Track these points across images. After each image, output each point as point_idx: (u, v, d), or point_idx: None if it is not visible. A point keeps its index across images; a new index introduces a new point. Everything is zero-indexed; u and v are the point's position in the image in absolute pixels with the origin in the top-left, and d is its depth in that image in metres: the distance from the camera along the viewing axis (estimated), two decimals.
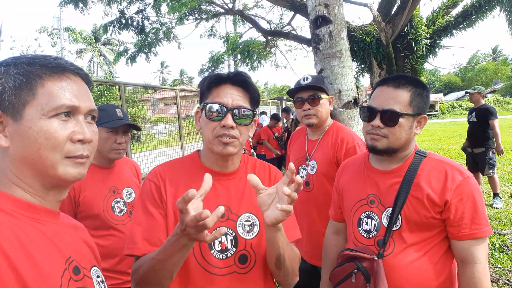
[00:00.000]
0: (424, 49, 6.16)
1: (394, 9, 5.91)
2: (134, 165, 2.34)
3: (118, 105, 2.76)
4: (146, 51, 9.31)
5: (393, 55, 5.96)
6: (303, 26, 12.89)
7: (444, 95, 51.29)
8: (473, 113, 6.02)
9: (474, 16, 6.33)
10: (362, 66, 6.86)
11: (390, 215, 1.42)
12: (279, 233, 1.11)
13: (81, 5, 8.37)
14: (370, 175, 1.54)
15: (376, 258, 1.39)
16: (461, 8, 6.45)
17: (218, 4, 8.70)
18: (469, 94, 6.09)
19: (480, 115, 5.87)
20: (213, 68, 10.66)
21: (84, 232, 0.96)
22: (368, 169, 1.57)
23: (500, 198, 5.88)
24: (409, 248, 1.39)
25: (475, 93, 5.97)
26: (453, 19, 6.44)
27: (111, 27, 8.88)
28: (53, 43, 29.67)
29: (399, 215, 1.40)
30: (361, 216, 1.52)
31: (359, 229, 1.52)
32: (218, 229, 0.92)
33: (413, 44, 6.06)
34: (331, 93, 2.88)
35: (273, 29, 9.73)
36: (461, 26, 6.47)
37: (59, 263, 0.76)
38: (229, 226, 1.23)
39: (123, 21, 8.84)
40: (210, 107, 1.20)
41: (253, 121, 1.27)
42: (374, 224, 1.47)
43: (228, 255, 1.20)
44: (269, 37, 9.74)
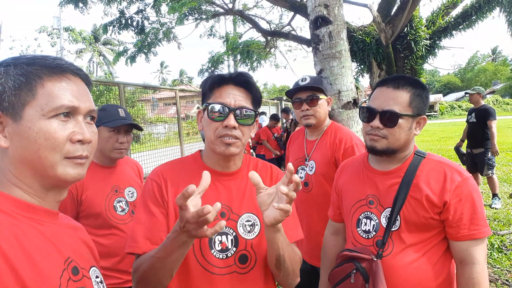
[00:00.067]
0: (424, 50, 6.17)
1: (394, 10, 5.92)
2: (136, 165, 2.35)
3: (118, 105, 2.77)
4: (146, 51, 9.31)
5: (393, 56, 5.97)
6: (303, 27, 12.92)
7: (444, 96, 51.29)
8: (473, 114, 6.03)
9: (474, 17, 6.34)
10: (362, 67, 6.87)
11: (389, 216, 1.42)
12: (279, 234, 1.11)
13: (81, 5, 8.38)
14: (369, 176, 1.54)
15: (375, 259, 1.39)
16: (461, 9, 6.47)
17: (218, 4, 8.70)
18: (469, 95, 6.10)
19: (480, 116, 5.87)
20: (213, 68, 10.65)
21: (83, 233, 0.96)
22: (367, 170, 1.57)
23: (499, 199, 5.89)
24: (408, 249, 1.39)
25: (475, 94, 5.98)
26: (453, 20, 6.45)
27: (111, 27, 8.87)
28: (53, 43, 29.65)
29: (398, 216, 1.40)
30: (360, 217, 1.52)
31: (358, 230, 1.52)
32: (218, 223, 0.92)
33: (413, 45, 6.07)
34: (331, 94, 2.88)
35: (273, 30, 9.73)
36: (461, 27, 6.48)
37: (58, 264, 0.76)
38: (230, 226, 1.23)
39: (123, 21, 8.84)
40: (212, 108, 1.20)
41: (255, 122, 1.27)
42: (373, 225, 1.47)
43: (229, 255, 1.20)
44: (269, 38, 9.74)
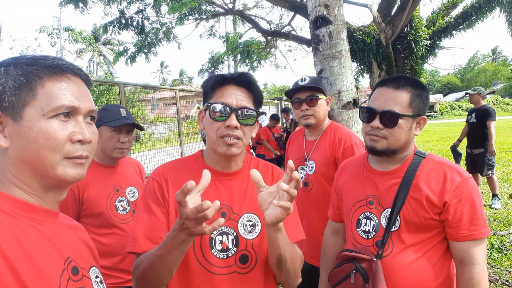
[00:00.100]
0: (424, 50, 6.17)
1: (394, 10, 5.92)
2: (138, 165, 2.36)
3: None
4: (146, 51, 9.31)
5: (393, 56, 5.97)
6: (303, 27, 12.92)
7: (444, 96, 51.30)
8: (473, 114, 6.02)
9: (474, 17, 6.35)
10: (362, 67, 6.87)
11: (389, 216, 1.42)
12: (280, 233, 1.10)
13: (81, 5, 8.38)
14: (369, 176, 1.54)
15: (375, 259, 1.39)
16: (461, 9, 6.47)
17: (218, 4, 8.70)
18: (469, 95, 6.09)
19: (480, 116, 5.87)
20: (213, 69, 10.65)
21: (83, 233, 0.96)
22: (367, 170, 1.57)
23: (499, 199, 5.89)
24: (408, 249, 1.39)
25: (475, 94, 5.98)
26: (453, 20, 6.45)
27: (111, 27, 8.88)
28: (53, 43, 29.66)
29: (398, 216, 1.40)
30: (360, 217, 1.52)
31: (358, 230, 1.52)
32: (217, 220, 0.92)
33: (413, 45, 6.07)
34: (331, 94, 2.89)
35: (273, 30, 9.73)
36: (461, 27, 6.48)
37: (58, 264, 0.76)
38: (231, 226, 1.22)
39: (123, 21, 8.84)
40: (214, 107, 1.20)
41: (256, 122, 1.28)
42: (373, 225, 1.47)
43: (229, 255, 1.20)
44: (269, 38, 9.74)
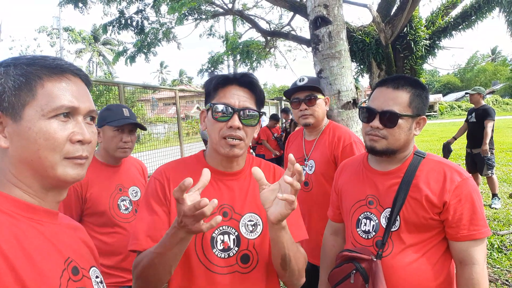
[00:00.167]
0: (424, 50, 6.17)
1: (394, 10, 5.92)
2: (141, 165, 2.38)
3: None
4: (146, 51, 9.31)
5: (393, 56, 5.97)
6: (303, 27, 12.90)
7: (443, 96, 51.34)
8: (473, 114, 6.03)
9: (474, 17, 6.35)
10: (362, 67, 6.87)
11: (389, 216, 1.42)
12: (284, 232, 1.09)
13: (81, 5, 8.37)
14: (369, 176, 1.54)
15: (375, 259, 1.39)
16: (461, 9, 6.47)
17: (218, 5, 8.70)
18: (469, 95, 6.10)
19: (480, 116, 5.87)
20: (213, 69, 10.65)
21: (83, 233, 0.96)
22: (367, 170, 1.57)
23: (499, 199, 5.89)
24: (408, 249, 1.39)
25: (475, 94, 5.98)
26: (453, 20, 6.45)
27: (111, 27, 8.87)
28: (52, 43, 29.64)
29: (398, 216, 1.40)
30: (360, 217, 1.52)
31: (358, 230, 1.52)
32: (214, 218, 0.92)
33: (413, 45, 6.07)
34: (330, 94, 2.89)
35: (273, 30, 9.73)
36: (461, 27, 6.48)
37: (58, 264, 0.76)
38: (232, 226, 1.23)
39: (123, 21, 8.84)
40: (217, 108, 1.20)
41: (258, 122, 1.28)
42: (373, 225, 1.47)
43: (230, 254, 1.20)
44: (269, 38, 9.74)
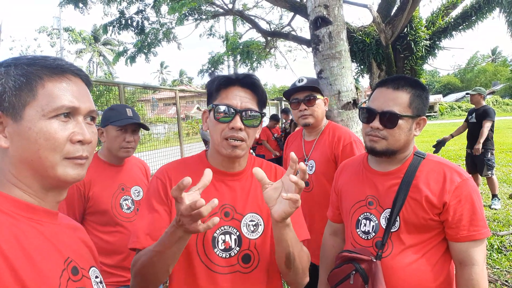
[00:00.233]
0: (424, 50, 6.17)
1: (394, 10, 5.92)
2: (144, 165, 2.39)
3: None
4: (146, 52, 9.31)
5: (393, 56, 5.97)
6: (303, 27, 12.92)
7: (444, 96, 51.35)
8: (473, 114, 6.03)
9: (474, 18, 6.34)
10: (362, 67, 6.87)
11: (389, 217, 1.42)
12: (288, 229, 1.09)
13: (81, 5, 8.37)
14: (369, 177, 1.54)
15: (374, 260, 1.39)
16: (461, 10, 6.46)
17: (218, 5, 8.70)
18: (470, 96, 6.10)
19: (480, 116, 5.87)
20: (213, 69, 10.66)
21: (83, 233, 0.96)
22: (367, 171, 1.57)
23: (499, 199, 5.89)
24: (408, 250, 1.39)
25: (476, 95, 5.98)
26: (453, 21, 6.45)
27: (111, 27, 8.87)
28: (53, 43, 29.66)
29: (398, 217, 1.40)
30: (360, 218, 1.52)
31: (358, 231, 1.52)
32: (212, 219, 0.91)
33: (413, 45, 6.07)
34: (331, 94, 2.89)
35: (273, 30, 9.73)
36: (461, 28, 6.48)
37: (58, 264, 0.76)
38: (234, 226, 1.23)
39: (123, 22, 8.83)
40: (219, 109, 1.21)
41: (260, 123, 1.28)
42: (373, 226, 1.47)
43: (232, 254, 1.21)
44: (269, 38, 9.74)
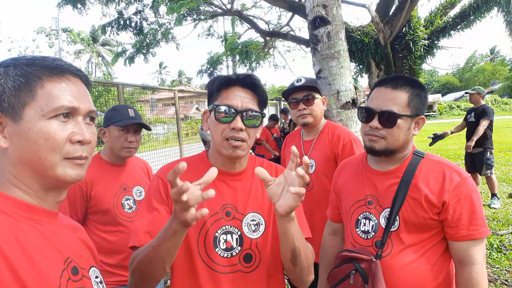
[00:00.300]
0: (422, 50, 6.19)
1: (392, 10, 5.94)
2: (146, 165, 2.40)
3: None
4: (145, 52, 9.32)
5: (391, 56, 5.98)
6: (302, 27, 12.95)
7: (442, 96, 51.40)
8: (472, 113, 6.03)
9: (472, 17, 6.36)
10: (361, 67, 6.88)
11: (388, 216, 1.42)
12: (293, 223, 1.09)
13: (79, 6, 8.37)
14: (368, 176, 1.54)
15: (374, 259, 1.39)
16: (459, 9, 6.48)
17: (217, 5, 8.70)
18: (469, 95, 6.10)
19: (479, 115, 5.88)
20: (212, 69, 10.67)
21: (83, 233, 0.96)
22: (366, 170, 1.57)
23: (498, 199, 5.90)
24: (407, 249, 1.39)
25: (475, 94, 5.99)
26: (451, 20, 6.46)
27: (110, 28, 8.87)
28: (51, 44, 29.63)
29: (397, 216, 1.40)
30: (359, 217, 1.52)
31: (357, 230, 1.52)
32: (200, 210, 0.90)
33: (411, 45, 6.09)
34: (330, 94, 2.89)
35: (272, 30, 9.74)
36: (459, 27, 6.50)
37: (58, 264, 0.76)
38: (235, 225, 1.23)
39: (122, 22, 8.84)
40: (219, 109, 1.21)
41: (261, 123, 1.28)
42: (372, 225, 1.47)
43: (233, 254, 1.21)
44: (268, 38, 9.75)
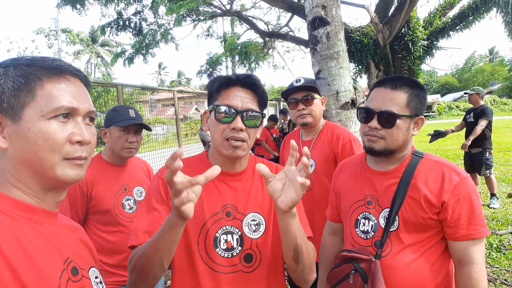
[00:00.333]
0: (421, 50, 6.20)
1: (391, 11, 5.95)
2: (146, 166, 2.41)
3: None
4: (144, 53, 9.32)
5: (391, 56, 5.99)
6: (301, 28, 12.99)
7: (441, 96, 51.47)
8: (471, 114, 6.04)
9: (471, 18, 6.38)
10: (360, 67, 6.89)
11: (387, 216, 1.42)
12: (294, 220, 1.09)
13: (79, 6, 8.37)
14: (367, 176, 1.55)
15: (374, 259, 1.39)
16: (458, 10, 6.50)
17: (216, 6, 8.71)
18: (468, 95, 6.10)
19: (478, 116, 5.88)
20: (211, 70, 10.67)
21: (82, 233, 0.96)
22: (365, 170, 1.57)
23: (497, 198, 5.90)
24: (407, 249, 1.39)
25: (474, 94, 5.99)
26: (450, 21, 6.48)
27: (109, 29, 8.88)
28: (50, 45, 29.62)
29: (396, 216, 1.41)
30: (359, 217, 1.52)
31: (357, 230, 1.52)
32: (186, 195, 0.90)
33: (410, 45, 6.10)
34: (329, 94, 2.90)
35: (271, 31, 9.75)
36: (458, 28, 6.51)
37: (58, 264, 0.76)
38: (235, 225, 1.24)
39: (121, 23, 8.84)
40: (219, 109, 1.21)
41: (261, 124, 1.28)
42: (372, 225, 1.47)
43: (234, 254, 1.21)
44: (267, 38, 9.76)
